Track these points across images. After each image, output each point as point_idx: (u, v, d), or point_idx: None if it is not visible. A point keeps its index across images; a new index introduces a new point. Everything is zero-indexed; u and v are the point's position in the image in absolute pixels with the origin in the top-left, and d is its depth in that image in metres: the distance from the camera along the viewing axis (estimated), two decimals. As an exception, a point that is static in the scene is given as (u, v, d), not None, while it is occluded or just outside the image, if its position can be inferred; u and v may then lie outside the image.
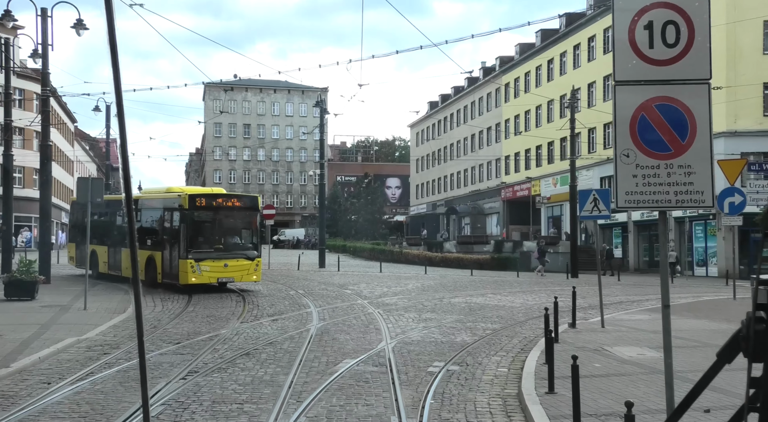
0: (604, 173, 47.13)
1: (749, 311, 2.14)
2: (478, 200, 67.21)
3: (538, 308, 17.53)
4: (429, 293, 22.03)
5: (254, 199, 22.05)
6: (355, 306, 17.87)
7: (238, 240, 21.79)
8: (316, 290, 22.35)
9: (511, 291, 22.71)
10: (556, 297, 12.60)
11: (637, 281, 30.79)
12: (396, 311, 16.96)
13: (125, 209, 4.34)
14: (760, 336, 2.10)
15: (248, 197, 22.88)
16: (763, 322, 2.11)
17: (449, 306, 17.94)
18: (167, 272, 20.62)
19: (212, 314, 16.24)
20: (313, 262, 39.40)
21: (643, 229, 44.44)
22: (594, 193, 13.70)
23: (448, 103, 75.66)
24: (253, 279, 21.29)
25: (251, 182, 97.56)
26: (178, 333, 13.44)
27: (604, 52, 47.82)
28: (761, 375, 2.10)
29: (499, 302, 18.96)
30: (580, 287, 23.16)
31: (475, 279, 29.50)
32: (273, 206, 38.23)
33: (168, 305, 17.92)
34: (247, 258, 20.99)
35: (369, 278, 28.93)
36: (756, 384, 2.12)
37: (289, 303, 18.54)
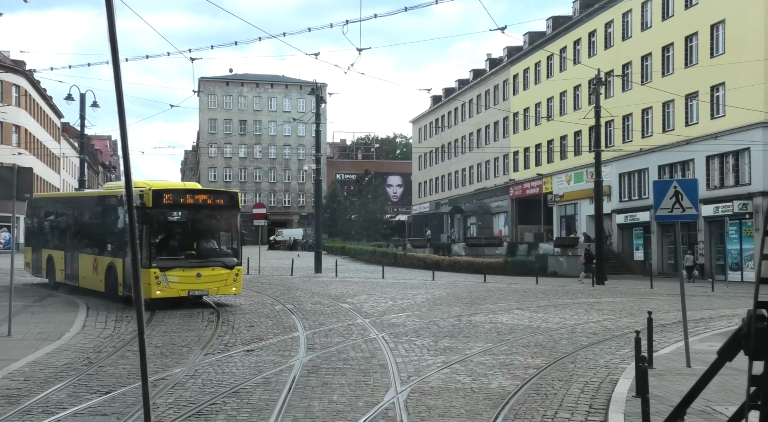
0: (624, 169, 43.60)
1: (750, 309, 2.08)
2: (484, 199, 63.66)
3: (582, 331, 14.06)
4: (442, 307, 18.53)
5: (233, 195, 18.40)
6: (353, 328, 14.39)
7: (214, 245, 18.24)
8: (307, 304, 18.84)
9: (539, 305, 19.19)
10: (638, 332, 9.04)
11: (673, 289, 27.27)
12: (405, 335, 13.47)
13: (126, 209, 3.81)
14: (760, 333, 2.05)
15: (226, 193, 19.24)
16: (763, 320, 2.05)
17: (470, 328, 14.44)
18: (129, 284, 17.10)
19: (172, 341, 12.75)
20: (308, 266, 35.96)
21: (668, 229, 40.88)
22: (675, 185, 10.13)
23: (452, 97, 72.05)
24: (232, 292, 17.81)
25: (247, 179, 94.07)
26: (115, 373, 9.97)
27: (623, 39, 44.32)
28: (762, 373, 2.05)
29: (531, 322, 15.45)
30: (613, 299, 19.81)
31: (490, 287, 25.99)
32: (264, 205, 34.78)
33: (121, 327, 14.43)
34: (224, 266, 17.54)
35: (370, 286, 25.44)
36: (757, 382, 2.07)
37: (272, 323, 15.06)
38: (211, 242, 18.22)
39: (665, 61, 40.75)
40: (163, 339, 12.88)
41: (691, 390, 2.38)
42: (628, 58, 43.29)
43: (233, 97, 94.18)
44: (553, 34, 52.68)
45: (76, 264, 19.86)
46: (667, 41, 40.12)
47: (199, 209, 17.54)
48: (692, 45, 38.60)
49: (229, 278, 17.46)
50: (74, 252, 20.13)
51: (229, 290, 17.59)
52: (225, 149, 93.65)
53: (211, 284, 17.12)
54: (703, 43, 37.30)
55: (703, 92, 37.16)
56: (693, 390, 2.39)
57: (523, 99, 57.06)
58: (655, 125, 41.21)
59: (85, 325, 14.40)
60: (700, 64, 37.60)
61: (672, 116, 39.93)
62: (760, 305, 2.12)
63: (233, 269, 17.61)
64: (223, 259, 17.72)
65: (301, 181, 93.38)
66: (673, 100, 39.56)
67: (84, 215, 20.55)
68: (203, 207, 17.65)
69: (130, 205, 3.29)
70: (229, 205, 18.08)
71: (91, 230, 19.74)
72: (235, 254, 18.10)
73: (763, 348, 2.10)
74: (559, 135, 51.56)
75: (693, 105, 38.52)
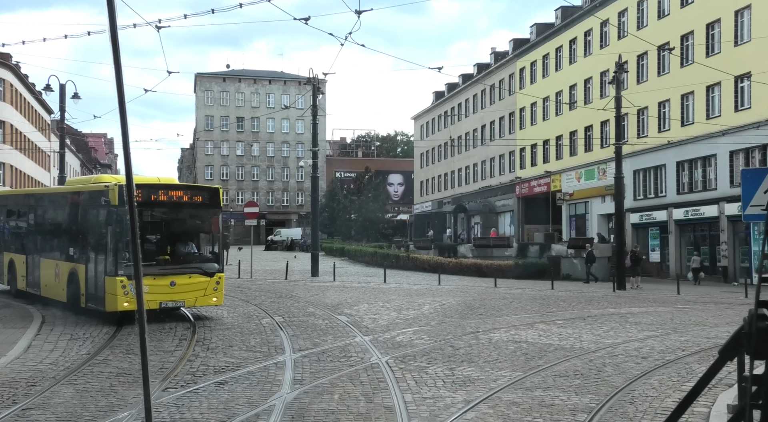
0: (639, 166, 41.16)
1: (751, 309, 2.06)
2: (489, 197, 61.26)
3: (627, 354, 11.71)
4: (454, 320, 16.17)
5: (213, 192, 15.90)
6: (351, 349, 12.04)
7: (191, 249, 15.97)
8: (299, 316, 16.49)
9: (565, 318, 16.81)
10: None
11: (703, 294, 24.93)
12: (414, 359, 11.13)
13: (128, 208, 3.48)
14: (762, 333, 2.03)
15: (206, 188, 16.70)
16: (765, 320, 2.04)
17: (491, 349, 12.08)
18: (92, 294, 14.79)
19: (130, 368, 10.42)
20: (305, 268, 33.61)
21: (686, 229, 38.57)
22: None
23: (455, 93, 69.68)
24: (212, 302, 15.50)
25: (245, 178, 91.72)
26: (43, 419, 7.65)
27: (638, 28, 41.93)
28: (763, 373, 2.03)
29: (561, 340, 13.09)
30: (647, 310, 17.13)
31: (504, 294, 23.64)
32: (256, 204, 32.40)
33: (74, 348, 12.08)
34: (203, 274, 15.19)
35: (371, 293, 23.09)
36: (758, 381, 2.06)
37: (256, 343, 12.72)
38: (188, 245, 15.96)
39: (684, 51, 38.36)
40: (119, 367, 10.53)
41: (692, 389, 2.27)
42: (644, 49, 40.78)
43: (230, 94, 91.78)
44: (563, 25, 50.31)
45: (38, 270, 17.51)
46: (686, 30, 37.74)
47: (174, 207, 15.17)
48: (714, 33, 36.22)
49: (208, 287, 15.12)
50: (36, 256, 17.78)
51: (209, 301, 15.29)
52: (222, 146, 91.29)
53: (187, 294, 14.81)
54: (727, 30, 34.93)
55: (726, 83, 34.81)
56: (694, 390, 2.27)
57: (530, 93, 54.61)
58: (673, 118, 38.84)
59: (31, 346, 12.06)
60: (724, 53, 35.23)
61: (692, 109, 37.55)
62: (761, 305, 2.06)
63: (214, 277, 15.25)
64: (201, 265, 15.39)
65: (300, 179, 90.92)
66: (692, 91, 37.22)
67: (46, 214, 18.20)
68: (179, 205, 15.27)
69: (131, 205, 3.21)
70: (209, 203, 15.68)
71: (53, 232, 17.41)
72: (216, 259, 15.80)
73: (764, 348, 2.03)
74: (569, 130, 49.21)
75: (715, 97, 36.16)
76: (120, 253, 14.30)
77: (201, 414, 7.87)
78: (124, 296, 14.02)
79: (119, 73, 2.95)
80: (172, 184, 15.78)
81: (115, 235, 14.30)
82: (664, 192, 39.46)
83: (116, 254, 14.22)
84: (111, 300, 14.13)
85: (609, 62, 43.69)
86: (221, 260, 15.95)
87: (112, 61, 2.92)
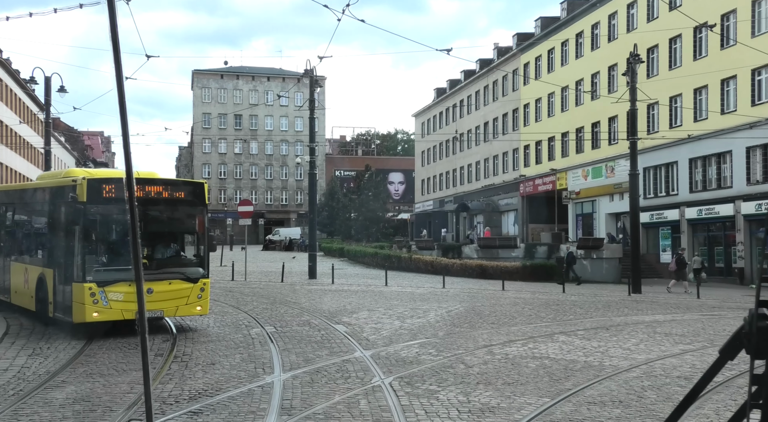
0: (649, 163, 39.56)
1: (752, 308, 2.04)
2: (492, 196, 59.75)
3: (666, 374, 10.22)
4: (463, 330, 14.66)
5: (197, 188, 14.20)
6: (350, 368, 10.54)
7: (172, 251, 14.33)
8: (293, 326, 14.98)
9: (585, 328, 15.29)
10: None
11: (726, 298, 23.43)
12: (422, 381, 9.63)
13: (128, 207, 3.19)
14: (762, 332, 2.02)
15: (189, 183, 15.09)
16: (766, 319, 2.03)
17: (510, 368, 10.57)
18: (59, 302, 13.22)
19: (91, 393, 8.92)
20: (302, 270, 32.16)
21: (700, 229, 37.06)
22: None
23: (457, 89, 68.14)
24: (195, 312, 13.82)
25: (243, 176, 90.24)
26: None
27: (648, 20, 40.42)
28: (764, 372, 2.03)
29: (587, 356, 11.57)
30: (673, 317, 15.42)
31: (513, 298, 22.13)
32: (250, 202, 30.92)
33: (33, 365, 10.58)
34: (185, 279, 13.55)
35: (372, 297, 21.58)
36: (758, 381, 2.06)
37: (242, 359, 11.21)
38: (169, 248, 14.28)
39: (697, 43, 36.86)
40: (78, 391, 9.02)
41: (692, 389, 2.24)
42: (655, 41, 39.34)
43: (228, 91, 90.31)
44: (569, 18, 48.77)
45: (8, 275, 15.99)
46: (699, 21, 36.16)
47: (152, 204, 13.50)
48: (729, 24, 34.73)
49: (191, 295, 13.49)
50: (6, 259, 16.26)
51: (192, 310, 13.62)
52: (219, 144, 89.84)
53: (166, 302, 13.15)
54: (743, 20, 33.42)
55: (742, 76, 33.31)
56: (694, 390, 2.25)
57: (534, 89, 53.11)
58: (685, 113, 37.33)
59: (-17, 364, 10.55)
60: (739, 45, 33.69)
61: (705, 104, 36.02)
62: (762, 304, 2.06)
63: (198, 283, 13.62)
64: (183, 270, 13.76)
65: (299, 178, 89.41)
66: (706, 85, 35.72)
67: (14, 213, 16.65)
68: (158, 202, 13.57)
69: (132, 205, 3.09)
70: (193, 199, 13.99)
71: (22, 232, 15.92)
72: (200, 262, 14.08)
73: (764, 347, 2.02)
74: (575, 127, 47.70)
75: (730, 91, 34.65)
76: (89, 256, 12.72)
77: (163, 460, 6.37)
78: (93, 305, 12.40)
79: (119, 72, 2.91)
80: (149, 178, 14.01)
81: (84, 236, 12.65)
82: (676, 190, 37.97)
83: (84, 258, 12.57)
84: (78, 310, 12.48)
85: (617, 56, 42.28)
86: (206, 264, 14.10)
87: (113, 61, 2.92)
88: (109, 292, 12.51)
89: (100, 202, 12.73)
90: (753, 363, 2.08)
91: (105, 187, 12.85)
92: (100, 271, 12.73)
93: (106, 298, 12.50)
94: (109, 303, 12.51)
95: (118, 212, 12.91)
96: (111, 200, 12.81)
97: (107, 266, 12.92)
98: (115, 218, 13.21)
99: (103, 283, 12.54)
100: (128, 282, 12.57)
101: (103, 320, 12.69)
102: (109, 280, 12.61)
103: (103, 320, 12.66)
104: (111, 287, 12.55)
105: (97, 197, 12.67)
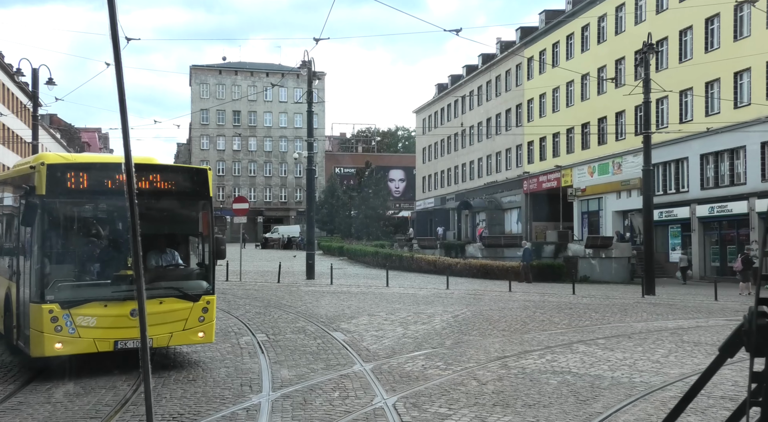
0: (658, 159, 38.03)
1: (752, 306, 2.05)
2: (495, 193, 58.54)
3: (705, 391, 8.94)
4: (472, 338, 13.45)
5: (199, 176, 10.76)
6: (348, 384, 9.34)
7: (166, 259, 10.79)
8: (286, 333, 13.77)
9: (605, 335, 14.07)
10: None
11: (745, 301, 22.21)
12: (429, 401, 8.44)
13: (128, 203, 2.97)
14: (762, 330, 2.03)
15: (187, 170, 12.08)
16: (765, 317, 2.05)
17: (529, 385, 9.37)
18: (22, 328, 10.08)
19: (48, 418, 7.71)
20: (300, 269, 30.96)
21: (711, 227, 35.87)
22: None
23: (459, 85, 66.90)
24: (197, 340, 10.36)
25: (241, 173, 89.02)
26: None
27: (658, 12, 39.18)
28: (763, 370, 2.06)
29: (615, 371, 10.35)
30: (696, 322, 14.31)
31: (522, 301, 20.92)
32: (246, 199, 29.64)
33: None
34: (183, 297, 10.15)
35: (372, 300, 20.37)
36: (758, 379, 2.07)
37: (226, 374, 10.01)
38: (161, 255, 10.77)
39: (708, 35, 35.63)
40: (35, 416, 7.81)
41: (692, 387, 2.23)
42: (664, 34, 38.08)
43: (226, 87, 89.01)
44: (574, 11, 47.51)
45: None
46: (711, 12, 34.97)
47: (139, 197, 9.07)
48: (742, 15, 33.49)
49: (190, 317, 10.10)
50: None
51: (191, 337, 10.22)
52: (218, 141, 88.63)
53: (157, 328, 9.62)
54: (758, 11, 32.16)
55: (756, 69, 32.09)
56: (693, 388, 2.23)
57: (538, 84, 51.93)
58: (696, 107, 36.11)
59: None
60: (753, 36, 32.51)
61: (717, 97, 34.79)
62: (761, 302, 2.07)
63: (199, 301, 10.19)
64: (180, 284, 10.37)
65: (299, 175, 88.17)
66: (718, 79, 34.50)
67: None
68: (148, 194, 9.76)
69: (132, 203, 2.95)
70: (193, 190, 10.60)
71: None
72: (203, 274, 10.72)
73: (764, 345, 2.03)
74: (581, 122, 46.47)
75: (743, 84, 33.42)
76: (51, 267, 9.60)
77: None
78: (55, 334, 9.20)
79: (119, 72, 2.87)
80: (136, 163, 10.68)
81: (42, 240, 9.49)
82: (687, 187, 36.77)
83: (43, 270, 9.42)
84: (36, 340, 9.31)
85: (625, 49, 41.10)
86: (212, 276, 10.63)
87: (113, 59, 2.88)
88: (76, 315, 9.31)
89: (66, 194, 9.63)
90: (753, 361, 2.06)
91: (72, 174, 9.59)
92: (64, 287, 9.59)
93: (72, 324, 9.30)
94: (76, 330, 9.31)
95: (90, 207, 10.26)
96: (81, 193, 9.79)
97: (76, 281, 9.87)
98: (86, 215, 10.35)
99: (69, 303, 9.33)
100: (102, 302, 9.51)
101: (69, 353, 9.48)
102: (77, 299, 9.45)
103: (68, 353, 9.47)
104: (80, 309, 9.35)
105: (61, 188, 9.50)
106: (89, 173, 9.84)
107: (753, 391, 2.08)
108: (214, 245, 10.60)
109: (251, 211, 62.96)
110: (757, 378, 2.07)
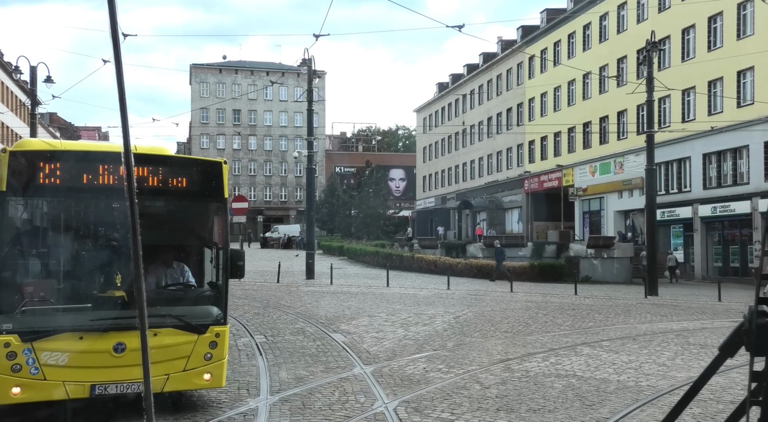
0: (660, 158, 37.52)
1: (752, 305, 2.04)
2: (495, 193, 58.35)
3: (714, 395, 8.84)
4: (474, 340, 13.24)
5: (213, 169, 7.81)
6: (348, 388, 9.13)
7: (169, 275, 8.21)
8: (285, 334, 13.56)
9: (609, 337, 13.85)
10: None
11: (750, 301, 22.00)
12: (432, 406, 8.24)
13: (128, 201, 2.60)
14: (762, 329, 2.03)
15: (197, 163, 8.35)
16: (766, 316, 2.05)
17: (533, 389, 9.15)
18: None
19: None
20: (300, 269, 30.75)
21: (714, 227, 35.65)
22: None
23: (460, 84, 66.69)
24: (202, 383, 7.70)
25: (242, 172, 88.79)
26: None
27: (660, 10, 38.98)
28: (763, 369, 2.06)
29: (621, 374, 10.15)
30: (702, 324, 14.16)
31: (524, 301, 20.71)
32: (245, 198, 29.47)
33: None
34: (183, 327, 7.50)
35: (373, 300, 20.17)
36: (758, 378, 2.08)
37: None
38: (161, 270, 8.15)
39: (711, 34, 35.40)
40: None
41: (692, 387, 2.22)
42: (666, 32, 37.88)
43: (226, 86, 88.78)
44: (575, 9, 47.28)
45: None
46: (714, 10, 34.75)
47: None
48: (746, 13, 33.28)
49: (194, 354, 7.51)
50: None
51: (195, 380, 7.62)
52: (218, 140, 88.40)
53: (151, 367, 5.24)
54: (761, 8, 31.94)
55: (760, 67, 31.87)
56: (694, 387, 2.23)
57: (540, 83, 51.72)
58: (699, 106, 35.90)
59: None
60: (757, 34, 32.29)
61: (719, 96, 34.57)
62: (761, 302, 2.06)
63: (207, 333, 7.58)
64: (183, 310, 7.78)
65: (299, 174, 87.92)
66: (721, 77, 34.28)
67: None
68: (147, 192, 7.28)
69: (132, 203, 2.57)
70: (203, 188, 7.85)
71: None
72: (215, 297, 8.07)
73: (764, 344, 2.02)
74: (582, 121, 46.27)
75: (747, 83, 33.20)
76: (9, 286, 7.23)
77: None
78: (12, 375, 6.81)
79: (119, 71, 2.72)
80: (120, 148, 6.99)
81: (0, 251, 7.11)
82: (689, 187, 36.54)
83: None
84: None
85: (627, 48, 40.89)
86: (224, 300, 7.89)
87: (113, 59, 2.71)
88: (41, 350, 6.88)
89: (36, 192, 7.36)
90: (753, 360, 2.06)
91: (46, 165, 7.10)
92: (27, 313, 7.12)
93: (36, 361, 6.87)
94: (41, 371, 6.87)
95: (69, 208, 7.92)
96: (54, 189, 7.30)
97: (40, 304, 7.30)
98: (62, 219, 7.97)
99: (32, 334, 6.88)
100: (78, 334, 7.05)
101: (31, 400, 6.95)
102: (43, 328, 6.96)
103: (29, 400, 6.94)
104: (46, 342, 6.90)
105: (30, 184, 7.14)
106: (64, 164, 7.24)
107: (753, 390, 2.09)
108: (228, 260, 7.85)
109: (251, 210, 62.82)
110: (757, 377, 2.09)
